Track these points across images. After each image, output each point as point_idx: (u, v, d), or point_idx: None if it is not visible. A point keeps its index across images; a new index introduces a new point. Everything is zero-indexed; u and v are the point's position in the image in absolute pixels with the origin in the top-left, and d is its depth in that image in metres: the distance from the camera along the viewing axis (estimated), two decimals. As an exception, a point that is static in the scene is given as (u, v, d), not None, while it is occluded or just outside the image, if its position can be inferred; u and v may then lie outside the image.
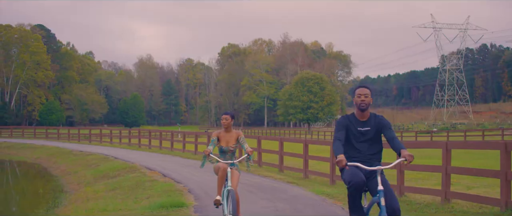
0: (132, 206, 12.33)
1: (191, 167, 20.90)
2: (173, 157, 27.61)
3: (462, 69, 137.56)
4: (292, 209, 10.67)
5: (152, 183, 16.25)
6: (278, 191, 13.53)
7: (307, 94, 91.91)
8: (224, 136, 8.53)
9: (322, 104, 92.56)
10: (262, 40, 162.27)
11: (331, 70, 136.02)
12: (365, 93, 6.27)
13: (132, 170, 20.50)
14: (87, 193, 17.07)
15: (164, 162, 23.40)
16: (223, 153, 8.56)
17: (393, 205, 5.65)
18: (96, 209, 12.60)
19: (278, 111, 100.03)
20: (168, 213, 10.57)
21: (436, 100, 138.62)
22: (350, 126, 6.28)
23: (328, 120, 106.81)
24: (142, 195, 14.08)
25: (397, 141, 6.06)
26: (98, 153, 30.19)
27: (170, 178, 16.99)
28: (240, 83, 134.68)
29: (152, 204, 11.75)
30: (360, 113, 6.32)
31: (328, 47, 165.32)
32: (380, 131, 6.29)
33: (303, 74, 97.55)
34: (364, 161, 6.11)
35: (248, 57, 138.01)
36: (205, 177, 17.11)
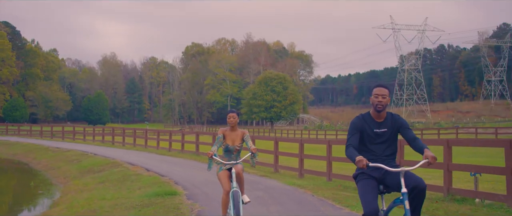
0: (128, 195, 13.98)
1: (170, 163, 22.63)
2: (149, 153, 29.20)
3: (420, 69, 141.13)
4: (270, 197, 12.42)
5: (138, 176, 17.92)
6: (254, 183, 15.34)
7: (271, 93, 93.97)
8: (229, 134, 8.39)
9: (285, 103, 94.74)
10: (225, 40, 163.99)
11: (293, 70, 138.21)
12: (383, 94, 5.86)
13: (115, 165, 22.14)
14: (77, 185, 18.65)
15: (143, 158, 24.98)
16: (228, 152, 8.38)
17: (418, 180, 5.44)
18: (95, 198, 14.17)
19: (242, 110, 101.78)
20: (164, 200, 12.23)
21: (395, 99, 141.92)
22: (365, 127, 5.90)
23: (290, 118, 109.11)
24: (132, 186, 15.72)
25: (419, 142, 5.73)
26: (76, 150, 31.59)
27: (154, 172, 18.66)
28: (204, 82, 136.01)
29: (147, 193, 13.44)
30: (376, 114, 5.91)
31: (290, 47, 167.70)
32: (397, 131, 5.96)
33: (267, 74, 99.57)
34: (379, 162, 5.72)
35: (212, 56, 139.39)
36: (187, 171, 18.95)
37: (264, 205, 11.15)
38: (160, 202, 11.92)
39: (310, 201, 11.64)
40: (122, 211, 11.53)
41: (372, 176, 5.67)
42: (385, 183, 5.66)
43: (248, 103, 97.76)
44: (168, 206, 11.34)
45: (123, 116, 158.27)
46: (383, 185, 5.68)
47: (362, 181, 5.67)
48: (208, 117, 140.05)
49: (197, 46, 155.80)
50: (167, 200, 12.11)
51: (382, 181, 5.67)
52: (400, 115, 5.98)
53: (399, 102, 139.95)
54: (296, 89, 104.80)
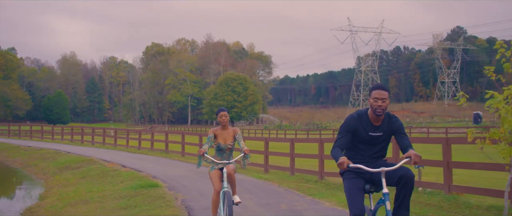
0: (112, 188, 15.44)
1: (143, 160, 24.09)
2: (120, 151, 30.55)
3: (376, 70, 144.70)
4: (243, 188, 13.98)
5: (116, 172, 19.36)
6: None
7: (232, 93, 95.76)
8: (221, 133, 8.26)
9: (245, 104, 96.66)
10: (185, 40, 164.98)
11: (253, 70, 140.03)
12: (383, 97, 5.47)
13: (91, 162, 23.50)
14: (59, 180, 20.01)
15: (116, 156, 26.35)
16: (220, 151, 8.27)
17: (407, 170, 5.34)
18: (81, 191, 15.55)
19: (204, 109, 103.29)
20: (148, 191, 13.73)
21: (352, 99, 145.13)
22: (360, 128, 5.58)
23: (251, 118, 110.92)
24: (114, 180, 17.17)
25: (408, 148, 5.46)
26: (48, 148, 32.71)
27: (130, 168, 20.10)
28: (165, 82, 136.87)
29: (130, 186, 14.92)
30: (375, 117, 5.56)
31: (249, 47, 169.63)
32: (391, 134, 5.70)
33: (228, 75, 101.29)
34: (367, 161, 5.58)
35: (172, 57, 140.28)
36: (161, 167, 20.48)
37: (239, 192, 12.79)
38: (145, 193, 13.44)
39: (277, 191, 13.33)
40: (112, 200, 13.04)
41: (359, 175, 5.52)
42: (373, 181, 5.51)
43: (209, 103, 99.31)
44: (153, 195, 12.87)
45: (83, 116, 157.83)
46: (370, 184, 5.53)
47: (348, 181, 5.54)
48: (168, 117, 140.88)
49: (157, 46, 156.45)
50: (150, 191, 13.63)
51: (369, 179, 5.52)
52: (397, 117, 5.74)
53: (356, 103, 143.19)
54: (256, 90, 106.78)
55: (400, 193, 5.35)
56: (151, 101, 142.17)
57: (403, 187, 5.32)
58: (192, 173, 18.24)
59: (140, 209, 11.10)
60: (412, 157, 5.12)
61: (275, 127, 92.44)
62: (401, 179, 5.28)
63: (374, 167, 5.37)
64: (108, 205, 12.41)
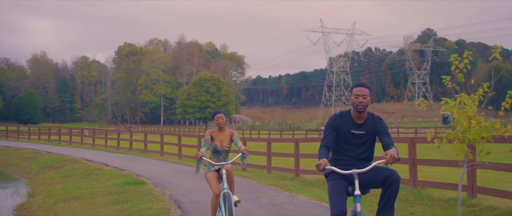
0: (99, 185, 16.25)
1: (124, 159, 24.87)
2: (99, 151, 31.23)
3: (348, 71, 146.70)
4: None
5: (100, 171, 20.15)
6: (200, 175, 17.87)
7: (205, 94, 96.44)
8: (217, 135, 8.24)
9: (219, 104, 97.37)
10: (158, 40, 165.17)
11: (225, 71, 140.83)
12: (364, 94, 5.57)
13: (73, 161, 24.24)
14: (44, 179, 20.72)
15: (96, 155, 27.06)
16: (217, 153, 8.22)
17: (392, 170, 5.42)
18: (70, 188, 16.33)
19: (177, 110, 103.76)
20: (136, 187, 14.57)
21: (324, 100, 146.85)
22: (342, 126, 5.66)
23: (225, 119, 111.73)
24: (99, 178, 17.97)
25: (391, 147, 5.39)
26: (27, 148, 33.27)
27: (113, 167, 20.90)
28: (137, 82, 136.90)
29: (117, 183, 15.77)
30: (357, 114, 5.64)
31: (222, 48, 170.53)
32: (375, 135, 5.71)
33: (201, 75, 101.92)
34: (352, 163, 5.62)
35: (145, 57, 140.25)
36: (143, 166, 21.32)
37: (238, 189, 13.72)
38: (133, 189, 14.29)
39: (256, 187, 14.31)
40: (103, 196, 13.89)
41: (342, 176, 5.53)
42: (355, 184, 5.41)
43: (182, 104, 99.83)
44: (142, 191, 13.75)
45: (55, 116, 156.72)
46: (352, 187, 5.46)
47: (332, 182, 5.57)
48: (141, 117, 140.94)
49: (129, 46, 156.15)
50: (138, 188, 14.48)
51: (352, 181, 5.47)
52: (381, 117, 5.80)
53: (328, 103, 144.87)
54: (229, 90, 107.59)
55: (385, 194, 5.42)
56: (124, 101, 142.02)
57: (388, 188, 5.37)
58: (174, 171, 19.14)
59: (132, 203, 11.97)
60: (388, 157, 5.13)
61: (249, 127, 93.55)
62: (386, 180, 5.34)
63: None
64: (99, 201, 13.24)
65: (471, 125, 7.59)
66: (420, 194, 11.81)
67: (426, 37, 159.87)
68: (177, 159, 25.10)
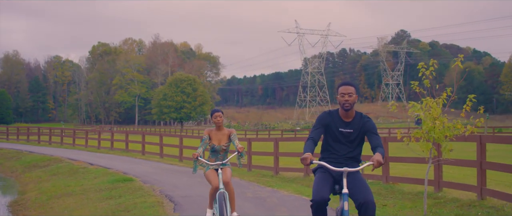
0: (89, 182, 17.01)
1: (107, 158, 25.59)
2: (81, 151, 31.85)
3: (323, 72, 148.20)
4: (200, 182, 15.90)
5: (85, 169, 20.87)
6: (184, 172, 18.75)
7: (181, 94, 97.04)
8: (216, 134, 8.25)
9: (194, 104, 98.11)
10: (132, 40, 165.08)
11: (200, 71, 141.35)
12: (350, 92, 5.64)
13: (57, 161, 24.89)
14: (31, 177, 21.43)
15: (79, 155, 27.67)
16: (215, 153, 8.23)
17: (367, 197, 5.29)
18: (60, 186, 17.07)
19: (153, 110, 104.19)
20: (125, 184, 15.34)
21: (299, 100, 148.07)
22: (331, 124, 5.74)
23: (199, 119, 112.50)
24: (87, 176, 18.71)
25: (379, 150, 5.48)
26: (8, 148, 33.75)
27: (98, 165, 21.65)
28: (112, 82, 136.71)
29: (106, 180, 16.55)
30: (344, 113, 5.72)
31: (197, 48, 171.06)
32: (363, 134, 5.78)
33: (177, 76, 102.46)
34: (340, 162, 5.69)
35: (120, 56, 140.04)
36: (127, 165, 22.10)
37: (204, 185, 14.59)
38: (123, 186, 15.09)
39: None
40: (95, 192, 14.69)
41: (329, 173, 5.62)
42: (341, 183, 5.50)
43: (158, 104, 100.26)
44: (132, 187, 14.56)
45: (27, 116, 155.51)
46: (339, 185, 5.57)
47: (319, 174, 5.66)
48: (115, 117, 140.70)
49: (103, 46, 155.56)
50: (128, 184, 15.28)
51: (338, 181, 5.57)
52: (369, 117, 5.84)
53: (303, 103, 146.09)
54: (205, 91, 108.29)
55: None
56: (98, 101, 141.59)
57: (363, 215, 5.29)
58: (158, 169, 19.96)
59: (126, 198, 12.80)
60: (375, 163, 5.20)
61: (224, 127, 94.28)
62: (361, 206, 5.27)
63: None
64: (92, 197, 14.05)
65: (436, 125, 8.62)
66: (392, 188, 12.85)
67: (400, 39, 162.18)
68: (159, 158, 25.91)
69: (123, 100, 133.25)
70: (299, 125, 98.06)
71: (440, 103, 8.90)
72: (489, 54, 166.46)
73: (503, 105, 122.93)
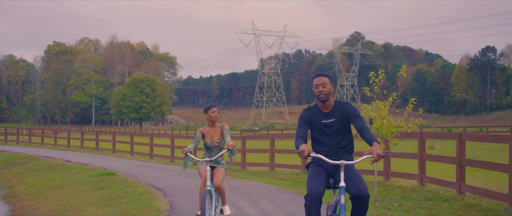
0: (73, 177, 18.44)
1: (80, 156, 27.00)
2: (51, 149, 33.03)
3: (279, 72, 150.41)
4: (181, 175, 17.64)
5: (64, 166, 22.27)
6: (158, 168, 20.44)
7: (140, 95, 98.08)
8: (208, 131, 8.15)
9: (153, 105, 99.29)
10: (88, 39, 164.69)
11: (157, 71, 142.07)
12: (323, 83, 5.62)
13: (33, 158, 26.25)
14: (12, 174, 22.63)
15: (52, 153, 28.95)
16: (208, 150, 8.11)
17: (361, 187, 5.25)
18: (45, 180, 18.41)
19: (112, 110, 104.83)
20: (109, 177, 16.85)
21: (255, 101, 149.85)
22: (313, 119, 5.74)
23: (158, 119, 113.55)
24: (69, 172, 20.10)
25: (367, 132, 5.44)
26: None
27: (76, 162, 23.11)
28: (68, 82, 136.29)
29: (90, 174, 18.04)
30: (321, 104, 5.71)
31: (154, 48, 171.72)
32: (347, 120, 5.70)
33: (136, 76, 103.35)
34: (331, 155, 5.59)
35: (76, 56, 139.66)
36: (103, 162, 23.59)
37: (182, 178, 16.35)
38: (108, 179, 16.68)
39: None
40: (84, 185, 16.22)
41: (323, 167, 5.58)
42: (335, 177, 5.53)
43: (117, 104, 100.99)
44: (117, 180, 16.15)
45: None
46: (333, 179, 5.58)
47: (312, 168, 5.61)
48: (72, 117, 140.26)
49: (59, 45, 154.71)
50: (112, 177, 16.83)
51: (332, 174, 5.59)
52: (349, 103, 5.79)
53: (259, 104, 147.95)
54: (164, 91, 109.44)
55: (353, 213, 5.35)
56: (54, 101, 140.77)
57: (357, 207, 5.29)
58: (133, 166, 21.54)
59: (115, 188, 14.43)
60: (375, 156, 5.09)
61: (183, 127, 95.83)
62: (355, 198, 5.25)
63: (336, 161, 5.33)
64: (83, 188, 15.61)
65: (384, 124, 10.65)
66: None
67: (354, 40, 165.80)
68: (130, 156, 27.49)
69: (80, 100, 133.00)
70: (257, 125, 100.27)
71: (387, 105, 10.91)
72: (440, 56, 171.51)
73: (454, 106, 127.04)
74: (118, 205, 11.50)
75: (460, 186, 10.83)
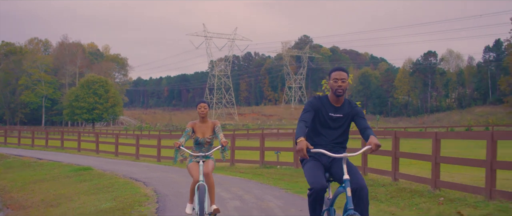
0: (51, 172, 19.92)
1: (49, 154, 28.55)
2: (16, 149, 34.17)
3: (229, 74, 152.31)
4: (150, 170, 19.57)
5: (37, 163, 23.70)
6: (127, 164, 22.28)
7: (93, 96, 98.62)
8: (199, 127, 8.15)
9: (106, 106, 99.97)
10: (38, 39, 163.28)
11: (108, 72, 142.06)
12: (343, 78, 5.53)
13: (4, 156, 27.70)
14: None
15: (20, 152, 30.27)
16: (199, 145, 8.11)
17: (360, 182, 5.21)
18: (25, 175, 19.91)
19: (65, 111, 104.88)
20: (87, 172, 18.44)
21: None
22: (321, 109, 5.66)
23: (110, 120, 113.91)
24: (44, 168, 21.55)
25: (369, 132, 5.46)
26: None
27: (47, 159, 24.70)
28: (18, 83, 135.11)
29: (68, 170, 19.66)
30: (335, 98, 5.65)
31: (104, 49, 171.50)
32: (351, 119, 5.74)
33: (89, 77, 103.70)
34: (329, 149, 5.57)
35: (26, 56, 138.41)
36: (73, 159, 25.22)
37: (157, 171, 18.29)
38: (86, 173, 18.41)
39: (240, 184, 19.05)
40: (65, 178, 17.92)
41: (320, 161, 5.60)
42: (331, 171, 5.57)
43: (70, 105, 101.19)
44: (95, 174, 17.89)
45: None
46: (329, 173, 5.58)
47: (308, 162, 5.61)
48: (21, 118, 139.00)
49: (8, 45, 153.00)
50: (90, 172, 18.54)
51: (328, 169, 5.61)
52: (355, 103, 5.85)
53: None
54: (117, 92, 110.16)
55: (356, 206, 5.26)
56: (3, 101, 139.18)
57: (358, 202, 5.23)
58: (103, 162, 23.28)
59: (98, 181, 16.22)
60: (373, 146, 5.15)
61: (136, 128, 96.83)
62: (355, 191, 5.21)
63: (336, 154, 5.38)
64: (66, 181, 17.33)
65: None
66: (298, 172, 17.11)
67: (302, 44, 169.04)
68: (96, 154, 29.24)
69: (30, 100, 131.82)
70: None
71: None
72: (385, 60, 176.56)
73: (397, 108, 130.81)
74: (108, 193, 13.34)
75: (394, 174, 13.27)
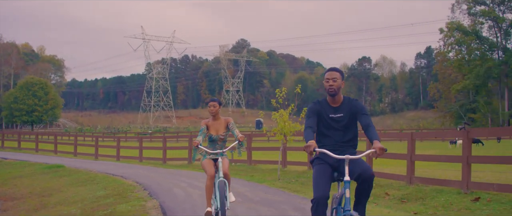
0: (25, 170, 21.37)
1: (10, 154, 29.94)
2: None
3: (167, 77, 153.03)
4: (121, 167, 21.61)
5: (4, 162, 25.29)
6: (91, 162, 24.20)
7: (32, 98, 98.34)
8: (212, 124, 8.30)
9: (46, 108, 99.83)
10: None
11: (44, 74, 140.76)
12: (334, 77, 5.62)
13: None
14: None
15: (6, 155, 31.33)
16: (213, 142, 8.27)
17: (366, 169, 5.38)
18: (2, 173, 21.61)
19: (3, 113, 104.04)
20: (61, 169, 19.99)
21: (143, 105, 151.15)
22: (322, 112, 5.72)
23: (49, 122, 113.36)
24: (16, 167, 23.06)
25: (372, 130, 5.54)
26: None
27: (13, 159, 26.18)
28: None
29: (41, 167, 21.24)
30: (331, 98, 5.73)
31: (40, 50, 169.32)
32: (354, 116, 5.74)
33: (28, 79, 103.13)
34: (336, 149, 5.63)
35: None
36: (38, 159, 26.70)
37: (127, 168, 20.38)
38: (60, 170, 20.04)
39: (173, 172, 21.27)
40: (42, 175, 19.48)
41: (327, 162, 5.64)
42: (339, 170, 5.60)
43: (9, 107, 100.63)
44: (70, 171, 19.58)
45: None
46: (337, 172, 5.65)
47: (316, 166, 5.69)
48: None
49: None
50: (63, 169, 20.15)
51: (336, 168, 5.65)
52: (358, 100, 5.92)
53: (147, 108, 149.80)
54: (57, 94, 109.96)
55: (358, 191, 5.49)
56: None
57: (360, 186, 5.44)
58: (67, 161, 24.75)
59: (77, 176, 18.10)
60: (377, 150, 5.20)
61: (77, 130, 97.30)
62: (359, 177, 5.38)
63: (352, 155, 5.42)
64: (44, 177, 18.97)
65: (285, 125, 15.51)
66: (255, 168, 19.67)
67: (240, 47, 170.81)
68: (54, 154, 30.91)
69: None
70: (150, 129, 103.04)
71: (288, 112, 15.74)
72: (321, 65, 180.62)
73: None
74: (95, 184, 15.29)
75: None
